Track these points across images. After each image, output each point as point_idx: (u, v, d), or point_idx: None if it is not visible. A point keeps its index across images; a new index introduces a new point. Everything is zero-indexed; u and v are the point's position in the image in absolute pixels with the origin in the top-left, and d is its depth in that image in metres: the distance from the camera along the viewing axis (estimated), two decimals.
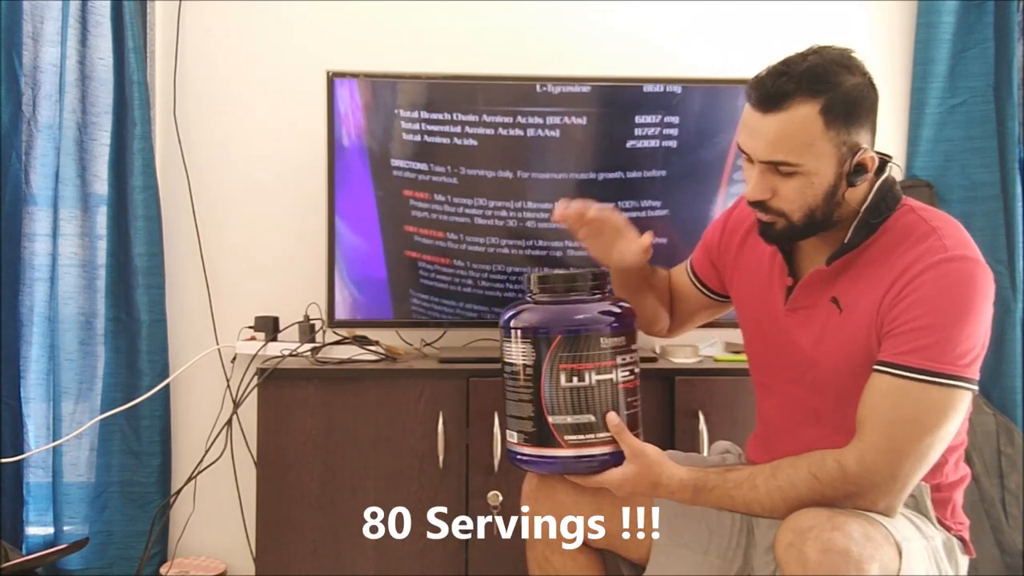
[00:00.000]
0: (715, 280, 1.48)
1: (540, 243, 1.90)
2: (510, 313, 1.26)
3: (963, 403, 1.12)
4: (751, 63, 1.30)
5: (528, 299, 1.27)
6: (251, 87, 2.14)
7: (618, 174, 1.90)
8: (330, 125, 1.87)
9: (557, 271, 1.28)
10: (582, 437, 1.21)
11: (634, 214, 1.90)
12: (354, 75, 1.87)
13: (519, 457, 1.26)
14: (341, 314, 1.90)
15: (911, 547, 1.10)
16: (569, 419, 1.21)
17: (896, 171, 1.24)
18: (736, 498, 1.17)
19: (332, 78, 1.87)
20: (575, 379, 1.20)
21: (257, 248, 2.14)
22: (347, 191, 1.88)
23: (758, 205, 1.20)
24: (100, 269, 2.08)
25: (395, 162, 1.86)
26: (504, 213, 1.88)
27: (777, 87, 1.13)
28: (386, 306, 1.90)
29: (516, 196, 1.88)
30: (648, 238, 1.38)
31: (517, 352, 1.23)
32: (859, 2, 2.22)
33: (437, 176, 1.87)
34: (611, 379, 1.22)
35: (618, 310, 1.25)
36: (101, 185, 2.08)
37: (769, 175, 1.17)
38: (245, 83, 2.14)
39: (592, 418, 1.21)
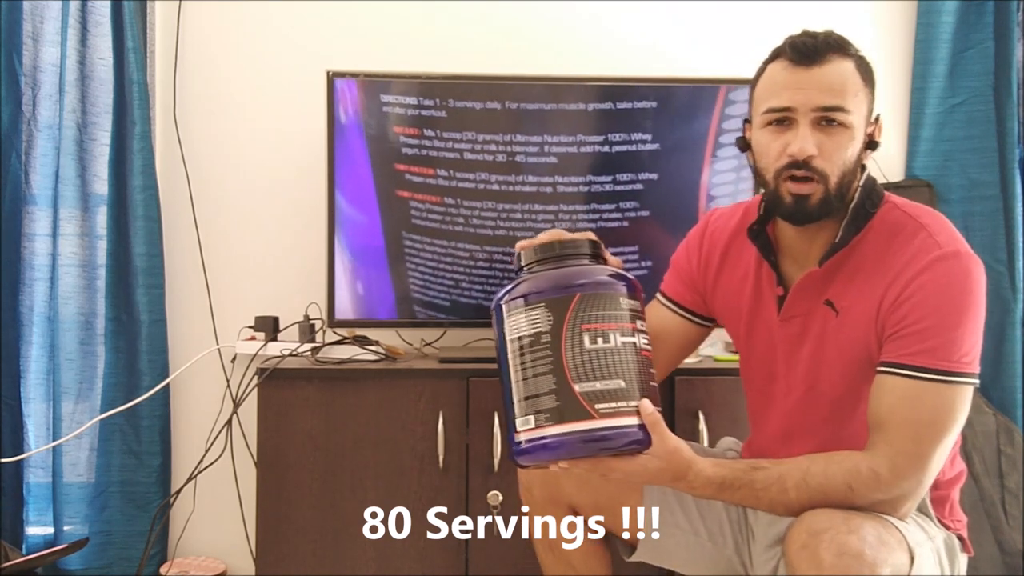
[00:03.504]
0: (698, 303, 1.41)
1: (530, 178, 1.89)
2: (507, 288, 1.13)
3: (969, 399, 1.13)
4: (751, 63, 1.31)
5: (521, 275, 1.16)
6: (251, 87, 2.14)
7: (608, 105, 1.90)
8: (330, 125, 1.87)
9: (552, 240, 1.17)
10: (614, 405, 1.06)
11: (624, 147, 1.90)
12: (354, 75, 1.87)
13: (541, 441, 1.07)
14: (341, 312, 1.90)
15: (922, 551, 1.11)
16: (598, 385, 1.06)
17: (875, 169, 1.25)
18: (762, 499, 1.13)
19: (332, 78, 1.87)
20: (600, 340, 1.07)
21: (257, 248, 2.14)
22: (347, 179, 1.88)
23: (802, 166, 1.16)
24: (100, 269, 2.08)
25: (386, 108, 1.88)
26: (493, 147, 1.88)
27: (815, 44, 1.18)
28: (383, 269, 1.89)
29: (505, 130, 1.88)
30: None
31: (527, 322, 1.09)
32: (859, 2, 2.22)
33: (426, 110, 1.88)
34: (634, 343, 1.10)
35: (627, 273, 1.16)
36: (101, 185, 2.08)
37: (815, 131, 1.17)
38: (245, 83, 2.14)
39: (622, 383, 1.07)
